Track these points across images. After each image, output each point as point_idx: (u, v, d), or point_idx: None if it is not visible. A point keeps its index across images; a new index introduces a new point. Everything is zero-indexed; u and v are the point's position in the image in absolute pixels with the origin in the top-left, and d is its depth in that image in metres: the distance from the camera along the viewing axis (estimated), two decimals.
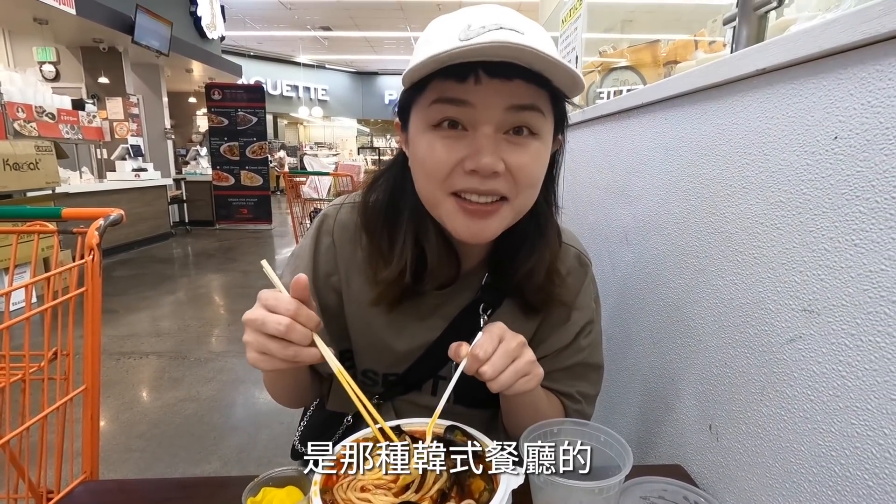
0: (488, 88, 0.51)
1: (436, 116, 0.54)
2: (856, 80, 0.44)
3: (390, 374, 0.75)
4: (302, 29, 12.58)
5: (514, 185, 0.56)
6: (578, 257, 0.74)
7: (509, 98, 0.52)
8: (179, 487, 0.70)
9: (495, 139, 0.53)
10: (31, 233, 0.99)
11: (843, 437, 0.44)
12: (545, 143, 0.57)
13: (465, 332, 0.67)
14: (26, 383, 0.86)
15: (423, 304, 0.69)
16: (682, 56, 1.62)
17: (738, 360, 0.61)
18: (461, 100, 0.52)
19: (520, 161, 0.54)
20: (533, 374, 0.58)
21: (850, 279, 0.44)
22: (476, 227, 0.57)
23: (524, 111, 0.53)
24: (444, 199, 0.57)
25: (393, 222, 0.65)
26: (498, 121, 0.53)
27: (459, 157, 0.54)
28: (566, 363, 0.72)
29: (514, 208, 0.58)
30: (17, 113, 4.61)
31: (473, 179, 0.54)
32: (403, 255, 0.63)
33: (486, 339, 0.55)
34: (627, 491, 0.60)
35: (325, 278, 0.71)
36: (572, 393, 0.72)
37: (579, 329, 0.72)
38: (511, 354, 0.55)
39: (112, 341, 3.24)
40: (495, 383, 0.54)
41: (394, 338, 0.71)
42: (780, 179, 0.53)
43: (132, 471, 1.97)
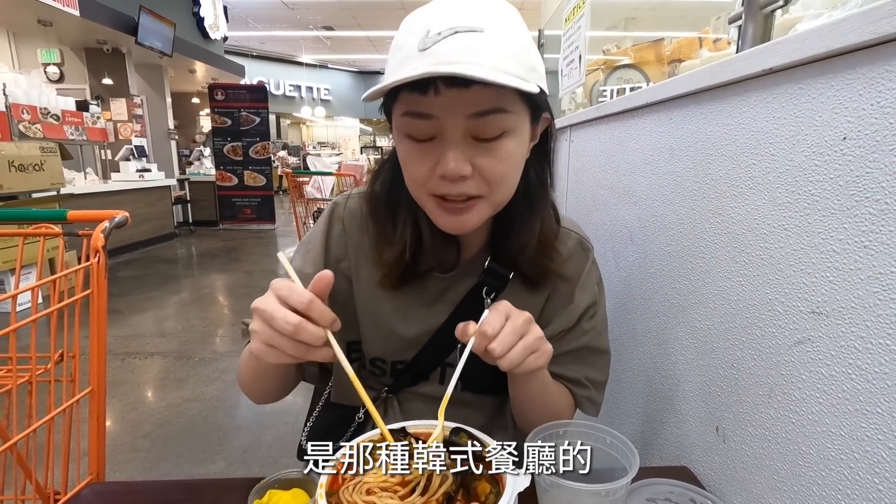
0: (448, 99, 0.53)
1: (407, 127, 0.57)
2: (865, 80, 0.43)
3: (398, 361, 0.76)
4: (304, 29, 12.59)
5: (486, 184, 0.58)
6: (580, 242, 0.75)
7: (469, 106, 0.53)
8: (185, 489, 0.70)
9: (462, 144, 0.55)
10: (37, 235, 1.00)
11: (853, 441, 0.44)
12: (517, 137, 0.58)
13: (470, 316, 0.69)
14: (33, 385, 0.86)
15: (429, 289, 0.72)
16: (687, 54, 1.61)
17: (745, 361, 0.60)
18: (425, 113, 0.54)
19: (487, 163, 0.56)
20: (542, 350, 0.57)
21: (859, 281, 0.44)
22: (455, 222, 0.61)
23: (487, 115, 0.54)
24: (426, 200, 0.61)
25: (394, 208, 0.69)
26: (462, 128, 0.55)
27: (431, 164, 0.57)
28: (572, 346, 0.73)
29: (490, 203, 0.61)
30: (22, 114, 4.63)
31: (446, 184, 0.57)
32: (403, 237, 0.67)
33: (494, 316, 0.55)
34: (634, 493, 0.60)
35: (335, 263, 0.73)
36: (580, 379, 0.73)
37: (583, 311, 0.73)
38: (519, 331, 0.55)
39: (117, 341, 3.26)
40: (505, 360, 0.54)
41: (401, 323, 0.73)
42: (788, 180, 0.53)
43: (137, 470, 1.98)
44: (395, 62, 0.55)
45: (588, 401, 0.74)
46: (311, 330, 0.49)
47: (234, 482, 0.65)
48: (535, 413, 0.71)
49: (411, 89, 0.53)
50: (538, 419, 0.70)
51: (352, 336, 0.77)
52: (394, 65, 0.55)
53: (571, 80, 1.64)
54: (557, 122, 1.61)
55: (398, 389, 0.78)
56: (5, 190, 3.67)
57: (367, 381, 0.80)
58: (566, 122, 1.47)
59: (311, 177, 6.27)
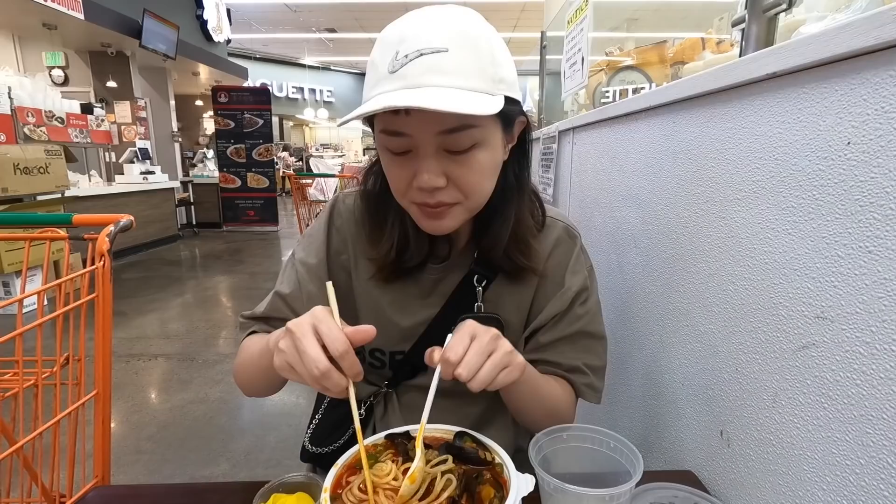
0: (418, 119, 0.56)
1: (385, 143, 0.61)
2: (869, 85, 0.43)
3: (396, 352, 0.78)
4: (307, 31, 12.63)
5: (460, 192, 0.61)
6: (566, 229, 0.77)
7: (439, 124, 0.56)
8: (190, 493, 0.70)
9: (436, 158, 0.59)
10: (43, 239, 1.00)
11: (858, 447, 0.44)
12: (489, 147, 0.61)
13: (463, 306, 0.74)
14: (39, 388, 0.87)
15: (423, 280, 0.75)
16: (690, 56, 1.61)
17: (750, 365, 0.60)
18: (398, 132, 0.58)
19: (460, 173, 0.60)
20: (513, 364, 0.56)
21: (864, 286, 0.44)
22: (435, 225, 0.65)
23: (455, 132, 0.57)
24: (408, 205, 0.65)
25: (384, 208, 0.72)
26: (434, 144, 0.58)
27: (409, 176, 0.61)
28: (567, 331, 0.74)
29: (465, 208, 0.64)
30: (27, 117, 4.66)
31: (423, 194, 0.61)
32: (391, 236, 0.71)
33: (456, 340, 0.54)
34: (638, 497, 0.60)
35: (336, 256, 0.77)
36: (578, 366, 0.74)
37: (574, 294, 0.74)
38: (485, 350, 0.54)
39: (121, 343, 3.27)
40: (474, 382, 0.53)
41: (398, 314, 0.76)
42: (792, 185, 0.53)
43: (142, 472, 1.98)
44: (371, 80, 0.58)
45: (588, 388, 0.74)
46: (336, 380, 0.49)
47: (238, 486, 0.66)
48: (533, 414, 0.71)
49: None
50: (537, 419, 0.72)
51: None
52: (370, 83, 0.58)
53: (574, 81, 1.64)
54: (561, 125, 1.61)
55: (397, 383, 0.81)
56: (10, 192, 3.69)
57: (367, 375, 0.81)
58: (569, 124, 1.47)
59: (314, 179, 6.28)
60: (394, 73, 0.54)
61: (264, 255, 6.30)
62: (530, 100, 3.46)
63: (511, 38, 11.25)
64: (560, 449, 0.64)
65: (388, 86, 0.55)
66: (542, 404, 0.70)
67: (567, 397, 0.74)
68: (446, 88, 0.53)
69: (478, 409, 0.80)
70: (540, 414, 0.71)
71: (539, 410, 0.71)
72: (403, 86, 0.54)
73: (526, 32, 10.62)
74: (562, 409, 0.72)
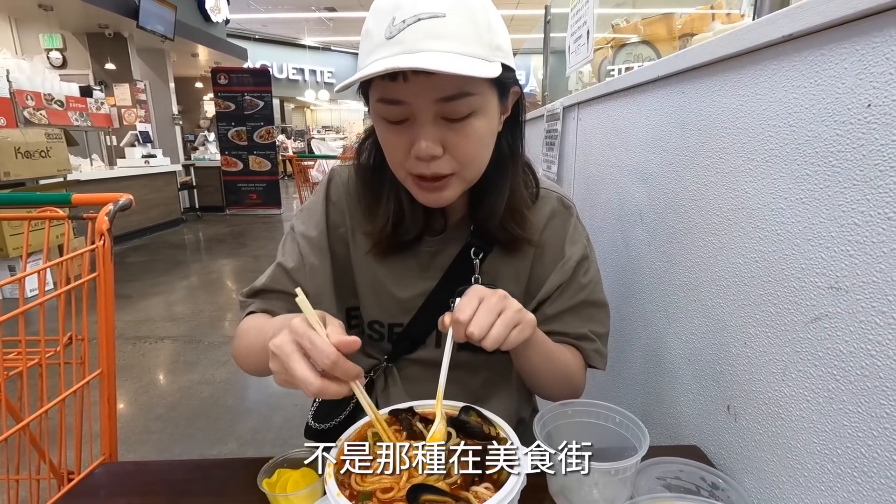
0: (416, 85, 0.55)
1: (381, 112, 0.60)
2: (893, 42, 0.41)
3: (395, 324, 0.79)
4: (306, 10, 12.42)
5: (457, 162, 0.61)
6: (561, 200, 0.78)
7: (436, 92, 0.56)
8: (197, 469, 0.71)
9: (433, 125, 0.58)
10: (42, 219, 0.99)
11: (871, 418, 0.43)
12: (486, 116, 0.60)
13: (460, 278, 0.74)
14: (43, 367, 0.87)
15: (421, 253, 0.75)
16: (699, 28, 1.57)
17: (759, 339, 0.59)
18: (396, 99, 0.57)
19: (457, 141, 0.59)
20: (525, 321, 0.57)
21: (881, 255, 0.42)
22: (433, 198, 0.64)
23: (454, 100, 0.57)
24: (405, 177, 0.64)
25: (379, 182, 0.72)
26: (432, 112, 0.57)
27: (407, 145, 0.60)
28: (571, 302, 0.75)
29: (462, 179, 0.64)
30: (27, 101, 4.63)
31: (421, 163, 0.60)
32: (387, 210, 0.71)
33: (465, 301, 0.55)
34: (643, 471, 0.60)
35: (334, 229, 0.77)
36: (586, 333, 0.75)
37: (576, 264, 0.75)
38: (495, 309, 0.54)
39: (127, 326, 3.29)
40: (488, 340, 0.53)
41: (396, 286, 0.76)
42: (808, 151, 0.51)
43: (151, 451, 2.02)
44: (366, 49, 0.57)
45: (596, 353, 0.76)
46: (335, 390, 0.47)
47: (244, 462, 0.66)
48: (548, 379, 0.72)
49: (382, 77, 0.55)
50: (551, 384, 0.73)
51: (350, 302, 0.80)
52: (365, 51, 0.57)
53: (579, 56, 1.60)
54: (565, 101, 1.58)
55: (397, 357, 0.81)
56: (12, 177, 3.68)
57: (366, 347, 0.83)
58: (573, 99, 1.44)
59: (315, 160, 6.24)
60: (391, 39, 0.54)
61: (268, 237, 6.30)
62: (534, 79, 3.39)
63: (514, 15, 11.02)
64: (565, 424, 0.64)
65: (385, 52, 0.54)
66: (556, 369, 0.71)
67: (578, 362, 0.75)
68: (445, 53, 0.53)
69: (479, 380, 0.81)
70: (555, 379, 0.72)
71: (554, 376, 0.71)
72: (402, 51, 0.53)
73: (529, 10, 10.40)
74: (574, 375, 0.74)
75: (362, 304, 0.80)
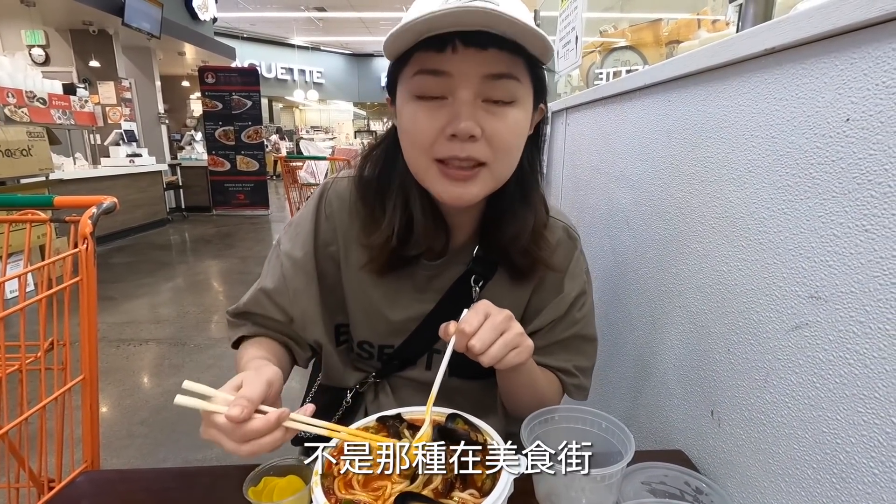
0: (465, 58, 0.54)
1: (419, 86, 0.57)
2: (870, 59, 0.42)
3: (386, 346, 0.77)
4: (295, 9, 12.34)
5: (491, 150, 0.58)
6: (566, 230, 0.76)
7: (485, 67, 0.54)
8: (181, 477, 0.70)
9: (473, 105, 0.56)
10: (23, 222, 0.98)
11: (849, 425, 0.44)
12: (523, 109, 0.59)
13: (458, 304, 0.70)
14: (23, 373, 0.85)
15: (417, 275, 0.72)
16: (685, 35, 1.59)
17: (741, 346, 0.60)
18: (440, 70, 0.55)
19: (496, 127, 0.57)
20: (523, 346, 0.58)
21: (859, 265, 0.43)
22: (458, 191, 0.61)
23: (500, 79, 0.56)
24: (430, 166, 0.60)
25: (384, 191, 0.69)
26: (476, 89, 0.55)
27: (441, 124, 0.57)
28: (561, 336, 0.74)
29: (492, 173, 0.61)
30: (8, 98, 4.53)
31: (454, 145, 0.57)
32: (392, 221, 0.66)
33: (472, 314, 0.56)
34: (629, 477, 0.60)
35: (324, 248, 0.74)
36: (569, 368, 0.75)
37: (573, 300, 0.74)
38: (498, 328, 0.56)
39: (111, 328, 3.24)
40: (486, 357, 0.55)
41: (389, 307, 0.73)
42: (788, 163, 0.52)
43: (135, 456, 1.98)
44: (416, 10, 0.55)
45: (576, 388, 0.76)
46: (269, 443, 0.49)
47: (230, 469, 0.65)
48: (524, 402, 0.72)
49: (427, 47, 0.54)
50: (527, 407, 0.72)
51: (339, 319, 0.78)
52: (414, 13, 0.54)
53: (568, 61, 1.61)
54: (554, 105, 1.60)
55: (387, 374, 0.79)
56: None
57: (355, 363, 0.81)
58: (562, 104, 1.45)
59: (304, 161, 6.20)
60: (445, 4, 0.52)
61: (255, 239, 6.24)
62: None
63: None
64: (551, 430, 0.64)
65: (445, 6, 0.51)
66: (535, 394, 0.71)
67: (556, 391, 0.76)
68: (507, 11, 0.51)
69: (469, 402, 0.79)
70: (531, 403, 0.72)
71: (531, 400, 0.72)
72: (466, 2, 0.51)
73: None
74: (551, 401, 0.74)
75: (352, 324, 0.78)
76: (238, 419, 0.47)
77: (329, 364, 0.79)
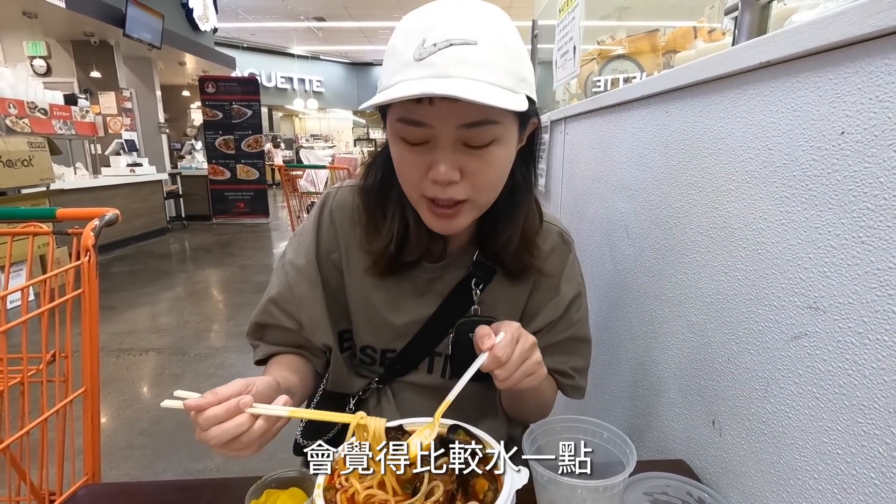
0: (440, 109, 0.54)
1: (401, 132, 0.59)
2: (864, 73, 0.43)
3: (388, 350, 0.78)
4: (295, 19, 12.42)
5: (473, 188, 0.60)
6: (561, 235, 0.78)
7: (461, 117, 0.55)
8: (182, 490, 0.70)
9: (453, 150, 0.57)
10: (26, 234, 0.98)
11: (849, 436, 0.44)
12: (506, 145, 0.60)
13: (459, 307, 0.74)
14: (25, 386, 0.85)
15: (419, 279, 0.74)
16: (682, 45, 1.60)
17: (742, 356, 0.60)
18: (419, 121, 0.56)
19: (476, 168, 0.59)
20: (537, 373, 0.61)
21: (856, 277, 0.43)
22: (444, 225, 0.64)
23: (477, 126, 0.56)
24: (419, 200, 0.63)
25: (384, 200, 0.71)
26: (454, 136, 0.57)
27: (424, 168, 0.59)
28: (558, 338, 0.77)
29: (475, 207, 0.63)
30: (9, 109, 4.55)
31: (437, 188, 0.59)
32: (391, 229, 0.69)
33: (507, 340, 0.57)
34: (631, 487, 0.60)
35: (326, 255, 0.76)
36: (566, 370, 0.77)
37: (569, 302, 0.76)
38: (524, 356, 0.58)
39: (111, 338, 3.23)
40: (505, 383, 0.58)
41: (391, 312, 0.75)
42: (785, 175, 0.52)
43: (134, 468, 1.97)
44: (391, 68, 0.56)
45: (572, 388, 0.79)
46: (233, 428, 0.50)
47: (231, 482, 0.65)
48: (526, 407, 0.77)
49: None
50: (527, 412, 0.78)
51: (343, 325, 0.79)
52: (390, 70, 0.56)
53: (566, 71, 1.62)
54: (553, 115, 1.61)
55: (389, 379, 0.81)
56: None
57: (358, 369, 0.83)
58: (561, 114, 1.46)
59: (304, 170, 6.22)
60: (421, 61, 0.53)
61: (255, 247, 6.25)
62: None
63: None
64: (553, 440, 0.64)
65: (413, 73, 0.53)
66: (536, 401, 0.76)
67: (553, 394, 0.79)
68: (475, 81, 0.52)
69: (472, 405, 0.81)
70: (532, 409, 0.77)
71: (532, 407, 0.76)
72: (431, 74, 0.52)
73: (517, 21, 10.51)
74: (548, 405, 0.79)
75: (355, 330, 0.79)
76: (192, 406, 0.51)
77: (334, 370, 0.80)
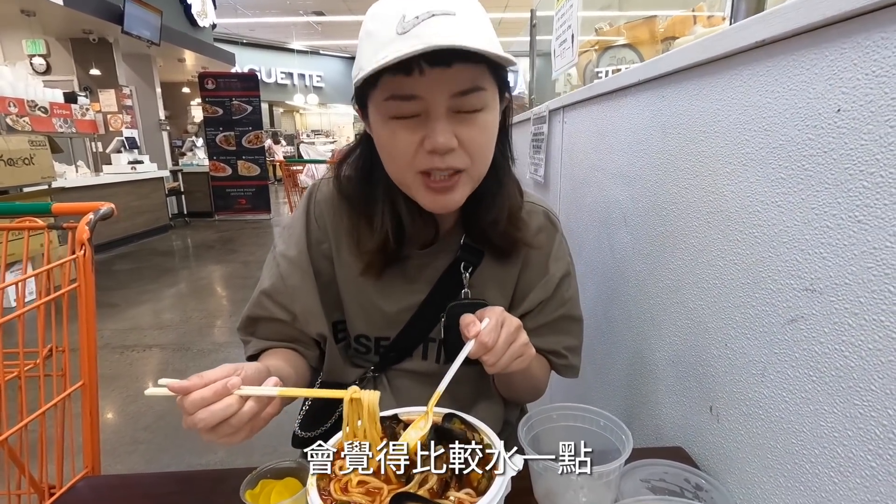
0: (432, 78, 0.55)
1: (393, 109, 0.59)
2: (860, 49, 0.42)
3: (382, 338, 0.79)
4: (294, 14, 12.37)
5: (469, 156, 0.61)
6: (547, 215, 0.79)
7: (452, 85, 0.57)
8: (180, 481, 0.70)
9: (447, 119, 0.58)
10: (21, 229, 0.98)
11: (846, 419, 0.44)
12: (492, 112, 0.62)
13: (449, 292, 0.74)
14: (22, 380, 0.85)
15: (409, 266, 0.75)
16: (681, 32, 1.58)
17: (738, 340, 0.60)
18: (411, 95, 0.57)
19: (471, 135, 0.60)
20: (526, 355, 0.62)
21: (853, 257, 0.43)
22: (442, 201, 0.64)
23: (468, 94, 0.58)
24: (413, 179, 0.63)
25: (369, 197, 0.71)
26: (446, 105, 0.58)
27: (419, 140, 0.59)
28: (550, 317, 0.77)
29: (471, 177, 0.64)
30: (9, 107, 4.56)
31: (434, 158, 0.60)
32: (384, 225, 0.69)
33: (491, 326, 0.58)
34: (628, 474, 0.60)
35: (317, 246, 0.76)
36: (558, 350, 0.78)
37: (559, 281, 0.77)
38: (509, 339, 0.59)
39: (114, 335, 3.25)
40: (494, 368, 0.59)
41: (383, 300, 0.76)
42: (781, 155, 0.52)
43: (139, 462, 1.99)
44: (370, 49, 0.56)
45: (566, 368, 0.80)
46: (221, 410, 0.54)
47: (228, 473, 0.65)
48: (518, 388, 0.78)
49: (395, 72, 0.55)
50: (520, 392, 0.80)
51: (336, 316, 0.80)
52: (370, 51, 0.56)
53: (564, 60, 1.61)
54: (551, 104, 1.59)
55: (384, 367, 0.81)
56: None
57: (353, 358, 0.83)
58: (559, 103, 1.44)
59: (305, 165, 6.22)
60: (405, 34, 0.53)
61: (257, 243, 6.26)
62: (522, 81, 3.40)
63: (502, 18, 11.07)
64: (550, 428, 0.64)
65: (399, 45, 0.53)
66: (529, 382, 0.77)
67: (546, 374, 0.80)
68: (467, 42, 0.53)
69: (467, 390, 0.81)
70: (525, 389, 0.79)
71: (526, 387, 0.78)
72: (420, 43, 0.52)
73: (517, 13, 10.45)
74: (541, 385, 0.80)
75: (348, 319, 0.79)
76: (177, 389, 0.52)
77: (329, 360, 0.80)
